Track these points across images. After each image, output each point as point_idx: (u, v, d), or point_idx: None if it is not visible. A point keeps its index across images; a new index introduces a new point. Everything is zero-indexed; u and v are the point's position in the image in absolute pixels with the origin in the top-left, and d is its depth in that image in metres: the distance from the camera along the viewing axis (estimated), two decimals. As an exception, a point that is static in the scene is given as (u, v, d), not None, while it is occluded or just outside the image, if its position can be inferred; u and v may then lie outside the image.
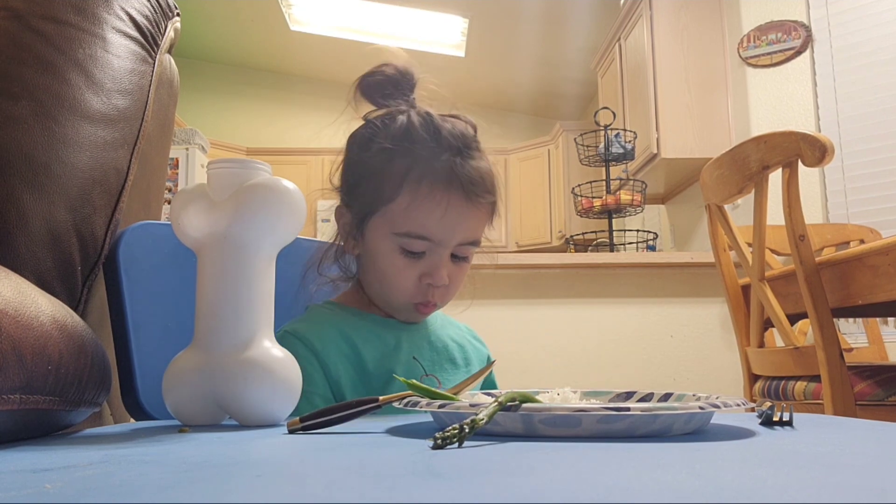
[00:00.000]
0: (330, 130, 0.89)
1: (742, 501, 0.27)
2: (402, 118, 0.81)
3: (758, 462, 0.37)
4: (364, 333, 0.83)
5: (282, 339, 0.77)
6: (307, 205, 0.62)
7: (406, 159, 0.79)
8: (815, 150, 1.24)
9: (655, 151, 3.41)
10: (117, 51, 0.83)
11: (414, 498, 0.27)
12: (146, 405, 0.75)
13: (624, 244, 3.19)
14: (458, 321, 0.99)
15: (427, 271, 0.81)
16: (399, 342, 0.85)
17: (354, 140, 0.85)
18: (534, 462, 0.37)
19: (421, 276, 0.81)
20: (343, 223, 0.87)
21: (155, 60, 0.89)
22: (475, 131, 0.85)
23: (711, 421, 0.53)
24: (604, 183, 3.23)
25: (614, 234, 3.09)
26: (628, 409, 0.45)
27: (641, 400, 0.62)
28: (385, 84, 0.85)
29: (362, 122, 0.86)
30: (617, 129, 3.33)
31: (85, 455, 0.42)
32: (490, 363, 0.71)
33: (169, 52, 0.95)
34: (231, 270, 0.59)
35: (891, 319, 2.16)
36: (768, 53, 3.19)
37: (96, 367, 0.58)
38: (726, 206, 1.61)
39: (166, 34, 0.92)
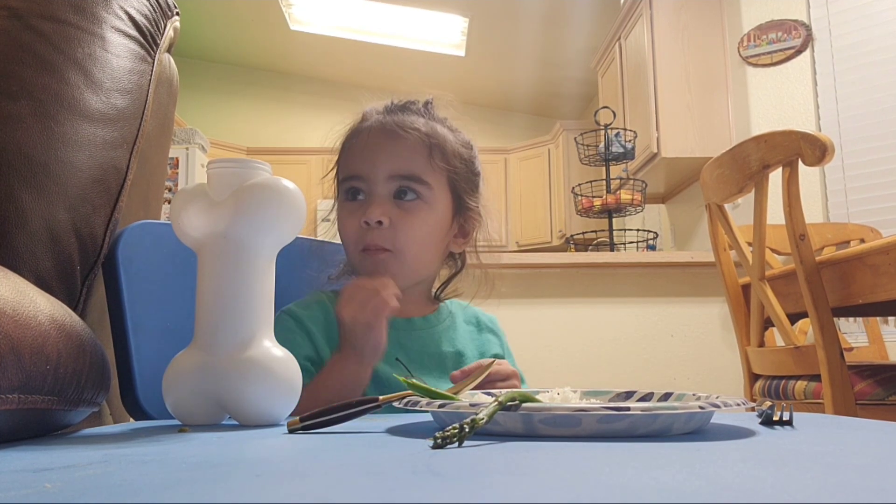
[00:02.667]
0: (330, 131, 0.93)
1: (742, 501, 0.26)
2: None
3: (758, 462, 0.37)
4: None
5: (277, 319, 0.80)
6: (307, 204, 0.62)
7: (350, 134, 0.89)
8: (815, 150, 1.24)
9: (655, 151, 3.41)
10: (116, 50, 0.83)
11: (414, 498, 0.27)
12: (146, 405, 0.74)
13: (624, 244, 3.19)
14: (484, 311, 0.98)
15: (364, 212, 0.82)
16: None
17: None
18: (534, 462, 0.37)
19: (362, 219, 0.82)
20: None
21: (154, 59, 0.89)
22: (426, 103, 0.90)
23: (711, 420, 0.53)
24: (604, 182, 3.23)
25: (614, 233, 3.09)
26: (628, 408, 0.45)
27: (641, 399, 0.62)
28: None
29: None
30: (617, 128, 3.33)
31: (84, 455, 0.42)
32: (490, 363, 0.70)
33: (168, 51, 0.95)
34: (231, 270, 0.59)
35: (891, 319, 2.15)
36: (768, 53, 3.19)
37: (95, 366, 0.58)
38: (726, 206, 1.61)
39: (165, 33, 0.92)
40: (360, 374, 0.77)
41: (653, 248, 3.48)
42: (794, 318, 1.49)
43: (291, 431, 0.52)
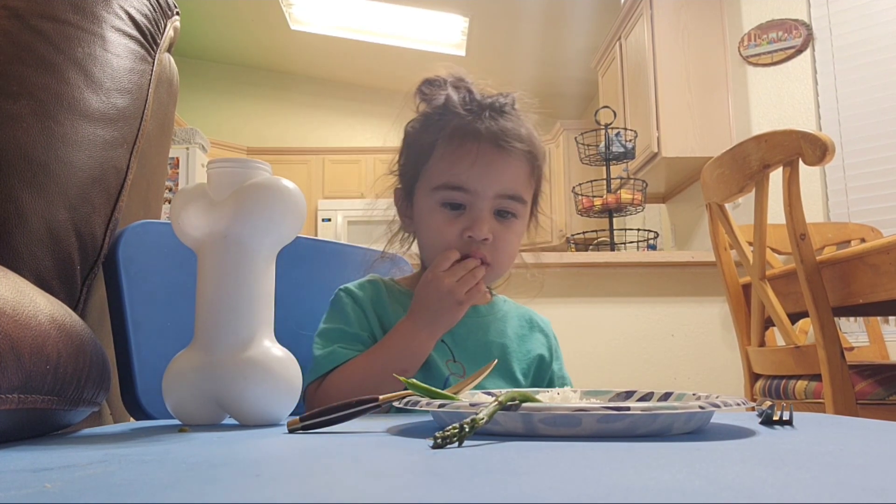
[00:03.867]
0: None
1: (742, 501, 0.26)
2: (442, 94, 0.86)
3: (758, 461, 0.37)
4: (388, 310, 0.85)
5: (335, 296, 0.86)
6: (307, 204, 0.62)
7: (440, 122, 0.84)
8: (815, 149, 1.24)
9: (656, 150, 3.41)
10: (116, 50, 0.83)
11: (414, 498, 0.27)
12: (146, 404, 0.75)
13: (624, 243, 3.19)
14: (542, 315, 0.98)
15: (468, 225, 0.81)
16: None
17: (407, 125, 0.91)
18: (534, 462, 0.37)
19: (463, 231, 0.81)
20: (399, 204, 0.91)
21: (154, 59, 0.89)
22: (514, 102, 0.88)
23: (711, 420, 0.53)
24: (604, 182, 3.23)
25: (615, 233, 3.09)
26: (628, 408, 0.45)
27: (641, 399, 0.62)
28: (436, 81, 0.89)
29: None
30: (617, 128, 3.32)
31: (84, 454, 0.42)
32: (489, 364, 0.70)
33: (168, 51, 0.95)
34: (231, 270, 0.59)
35: (892, 318, 2.15)
36: (769, 52, 3.19)
37: (95, 366, 0.58)
38: (727, 205, 1.61)
39: (165, 33, 0.92)
40: (427, 344, 0.79)
41: (653, 247, 3.47)
42: (794, 318, 1.48)
43: (291, 431, 0.52)
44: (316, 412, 0.53)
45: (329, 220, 5.71)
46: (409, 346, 0.79)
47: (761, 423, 0.55)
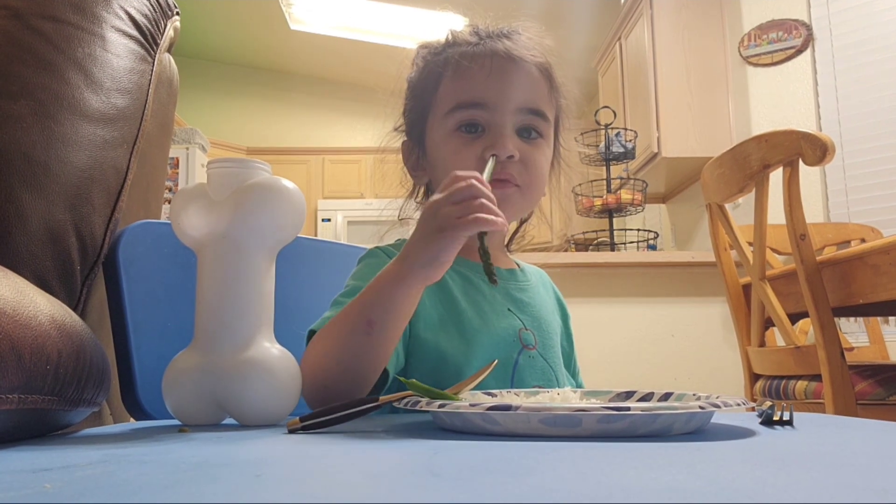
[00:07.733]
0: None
1: (742, 501, 0.26)
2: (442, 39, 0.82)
3: (758, 462, 0.37)
4: (452, 274, 0.78)
5: (369, 253, 0.77)
6: (307, 204, 0.62)
7: (446, 53, 0.80)
8: (815, 149, 1.24)
9: (656, 150, 3.41)
10: (116, 50, 0.83)
11: (414, 498, 0.27)
12: (146, 405, 0.75)
13: (625, 243, 3.19)
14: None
15: (490, 144, 0.73)
16: (491, 290, 0.79)
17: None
18: (534, 462, 0.37)
19: (484, 150, 0.73)
20: (409, 155, 0.84)
21: (154, 59, 0.89)
22: (520, 29, 0.84)
23: (712, 420, 0.53)
24: (604, 182, 3.23)
25: (615, 233, 3.09)
26: (628, 408, 0.45)
27: (641, 399, 0.62)
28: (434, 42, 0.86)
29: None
30: (617, 128, 3.32)
31: (84, 455, 0.42)
32: (490, 364, 0.70)
33: (168, 51, 0.95)
34: (231, 270, 0.59)
35: (892, 318, 2.15)
36: (769, 52, 3.19)
37: (95, 366, 0.58)
38: (727, 206, 1.61)
39: (166, 33, 0.92)
40: (406, 289, 0.61)
41: (653, 247, 3.48)
42: (794, 318, 1.49)
43: (291, 431, 0.52)
44: (316, 412, 0.53)
45: (329, 220, 5.71)
46: (386, 291, 0.61)
47: (761, 423, 0.54)
